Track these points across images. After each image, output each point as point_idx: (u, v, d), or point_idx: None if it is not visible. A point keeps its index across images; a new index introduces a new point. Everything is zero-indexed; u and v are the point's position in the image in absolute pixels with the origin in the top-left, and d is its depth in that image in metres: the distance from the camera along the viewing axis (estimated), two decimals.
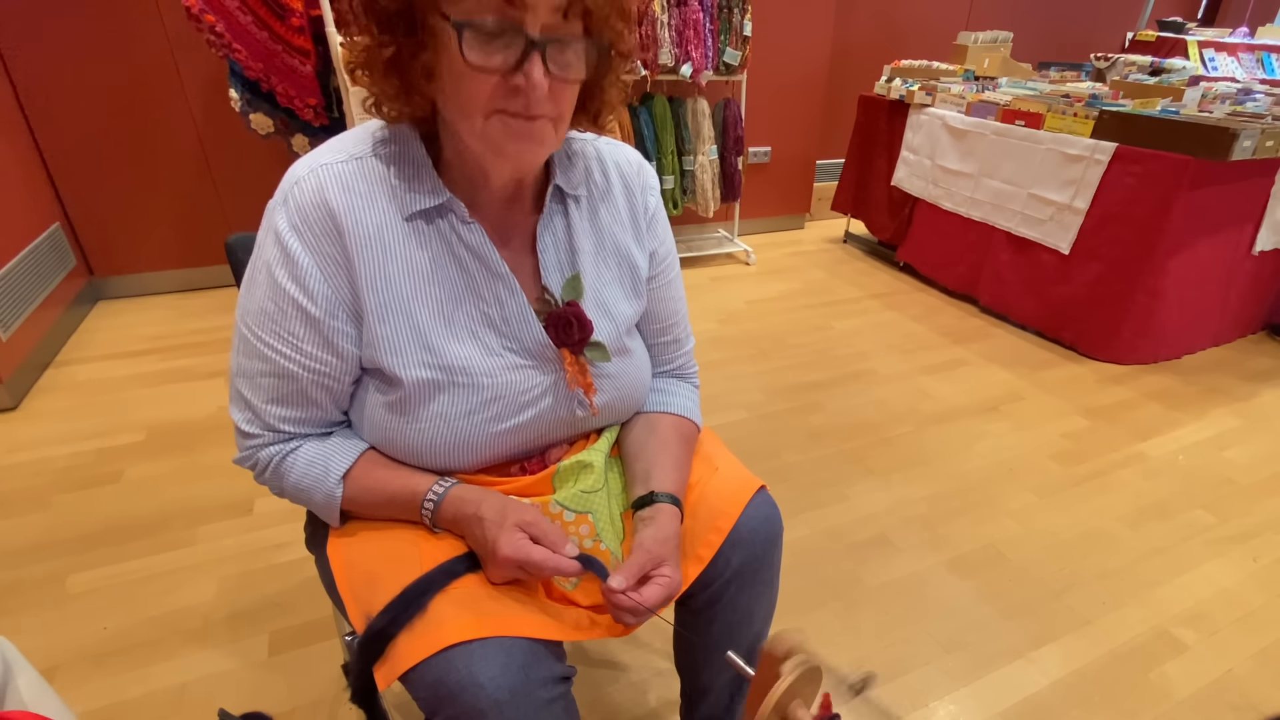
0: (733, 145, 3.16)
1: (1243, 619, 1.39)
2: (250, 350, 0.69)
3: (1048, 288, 2.54)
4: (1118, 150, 2.24)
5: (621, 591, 0.67)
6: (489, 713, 0.61)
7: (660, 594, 0.69)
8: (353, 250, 0.67)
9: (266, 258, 0.67)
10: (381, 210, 0.68)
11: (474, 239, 0.71)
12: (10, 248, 2.14)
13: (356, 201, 0.67)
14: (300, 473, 0.72)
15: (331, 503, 0.73)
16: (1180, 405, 2.16)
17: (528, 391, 0.74)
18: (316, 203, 0.66)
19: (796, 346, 2.51)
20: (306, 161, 0.68)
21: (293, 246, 0.66)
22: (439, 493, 0.72)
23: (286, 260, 0.66)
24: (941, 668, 1.28)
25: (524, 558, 0.66)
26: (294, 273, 0.66)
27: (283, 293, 0.67)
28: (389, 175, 0.68)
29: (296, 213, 0.66)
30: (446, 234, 0.70)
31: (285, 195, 0.67)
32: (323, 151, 0.69)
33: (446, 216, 0.70)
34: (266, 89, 2.29)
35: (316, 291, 0.67)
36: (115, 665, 1.24)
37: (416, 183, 0.68)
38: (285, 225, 0.66)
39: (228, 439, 1.88)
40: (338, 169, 0.67)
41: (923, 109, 3.00)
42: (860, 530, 1.61)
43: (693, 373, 0.94)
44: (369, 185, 0.67)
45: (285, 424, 0.72)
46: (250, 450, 0.73)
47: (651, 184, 0.83)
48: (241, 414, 0.72)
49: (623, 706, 1.20)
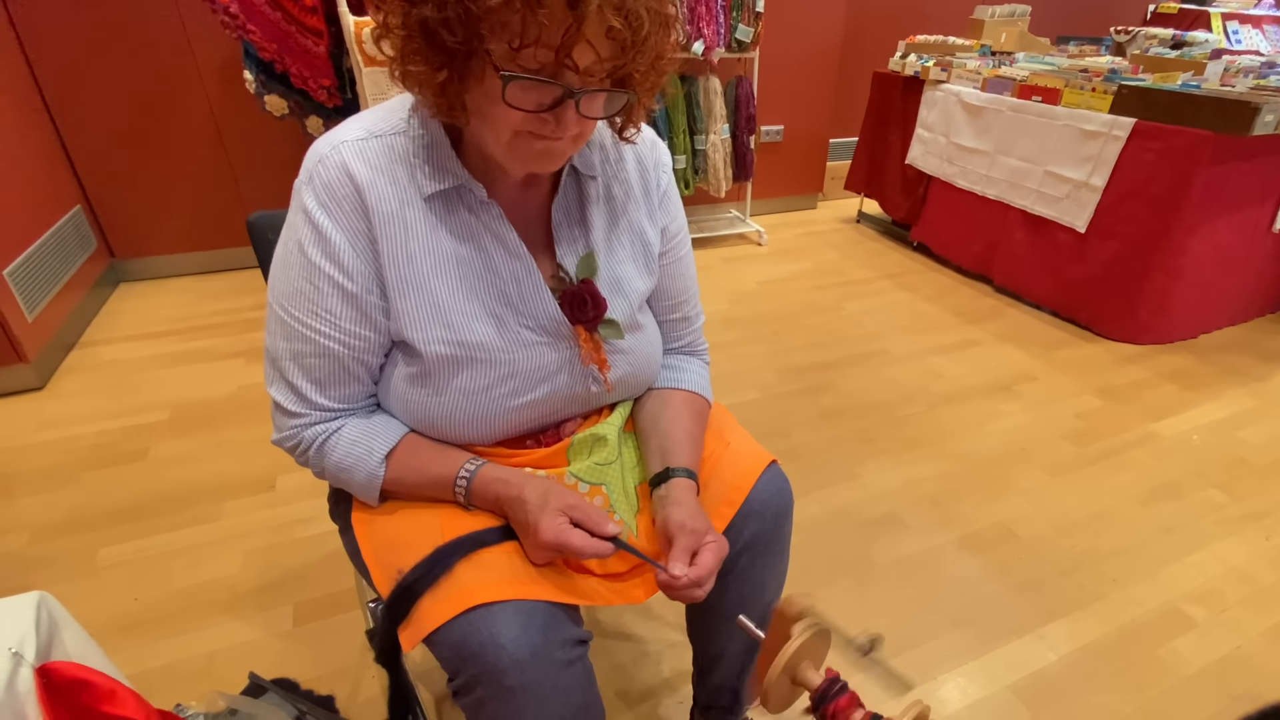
0: (745, 124, 3.14)
1: (1253, 596, 1.40)
2: (289, 332, 0.71)
3: (1063, 267, 2.52)
4: (1136, 126, 2.20)
5: (683, 580, 0.68)
6: (510, 672, 0.63)
7: (713, 559, 0.70)
8: (377, 226, 0.68)
9: (298, 237, 0.69)
10: (403, 189, 0.69)
11: (491, 220, 0.72)
12: (34, 230, 2.18)
13: (379, 179, 0.68)
14: (343, 452, 0.73)
15: (373, 482, 0.74)
16: (1195, 385, 2.15)
17: (543, 367, 0.75)
18: (342, 179, 0.67)
19: (808, 327, 2.51)
20: (328, 139, 0.70)
21: (323, 223, 0.67)
22: (471, 470, 0.73)
23: (319, 238, 0.68)
24: (950, 642, 1.29)
25: (564, 541, 0.67)
26: (327, 250, 0.68)
27: (318, 271, 0.68)
28: (409, 155, 0.69)
29: (324, 190, 0.67)
30: (464, 215, 0.72)
31: (310, 174, 0.68)
32: (344, 129, 0.70)
33: (465, 197, 0.72)
34: (281, 70, 2.30)
35: (351, 267, 0.68)
36: (146, 634, 1.28)
37: (436, 163, 0.70)
38: (314, 203, 0.68)
39: (249, 418, 1.92)
40: (359, 145, 0.68)
41: (938, 85, 2.96)
42: (871, 508, 1.63)
43: (703, 349, 0.95)
44: (390, 163, 0.69)
45: (330, 401, 0.73)
46: (294, 430, 0.74)
47: (664, 161, 0.84)
48: (283, 394, 0.73)
49: (636, 676, 1.23)
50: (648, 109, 0.73)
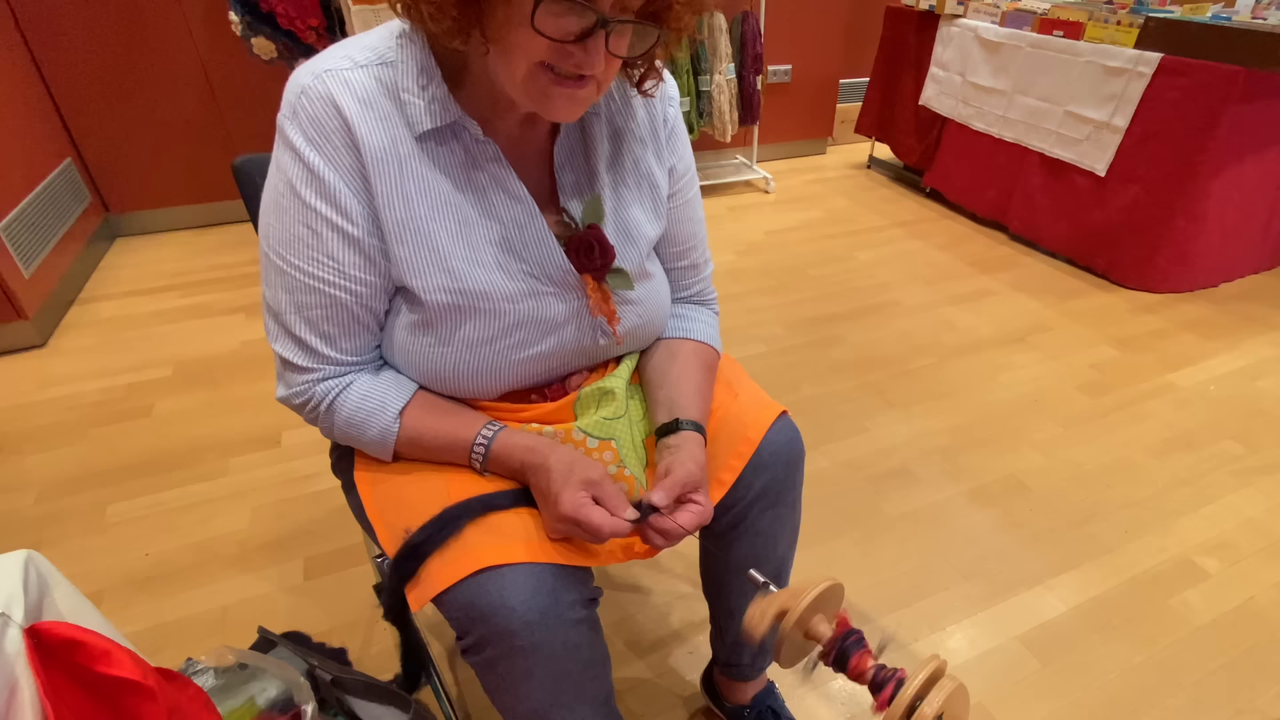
0: (751, 63, 3.02)
1: (1267, 548, 1.38)
2: (290, 283, 0.66)
3: (1081, 213, 2.44)
4: (1163, 61, 2.10)
5: (661, 511, 0.67)
6: (520, 632, 0.62)
7: (693, 520, 0.70)
8: (369, 164, 0.63)
9: (289, 177, 0.64)
10: (394, 125, 0.64)
11: (488, 161, 0.68)
12: (25, 184, 2.12)
13: (368, 113, 0.63)
14: (354, 407, 0.70)
15: (387, 438, 0.71)
16: (1214, 335, 2.11)
17: (550, 319, 0.72)
18: (329, 112, 0.62)
19: (817, 278, 2.46)
20: (309, 68, 0.64)
21: (315, 162, 0.62)
22: (489, 435, 0.70)
23: (311, 177, 0.63)
24: (960, 593, 1.29)
25: (583, 518, 0.64)
26: (322, 190, 0.63)
27: (314, 213, 0.64)
28: (397, 89, 0.64)
29: (311, 125, 0.62)
30: (460, 155, 0.67)
31: (294, 108, 0.63)
32: (326, 57, 0.64)
33: (461, 136, 0.66)
34: (266, 9, 2.20)
35: (349, 207, 0.64)
36: (158, 589, 1.29)
37: (427, 97, 0.64)
38: (301, 140, 0.62)
39: (252, 373, 1.90)
40: (345, 75, 0.63)
41: (954, 20, 2.83)
42: (880, 462, 1.61)
43: (712, 299, 0.92)
44: (379, 96, 0.63)
45: (340, 354, 0.69)
46: (305, 385, 0.70)
47: (671, 94, 0.79)
48: (290, 349, 0.68)
49: (646, 628, 1.23)
50: (672, 54, 0.68)
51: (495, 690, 0.69)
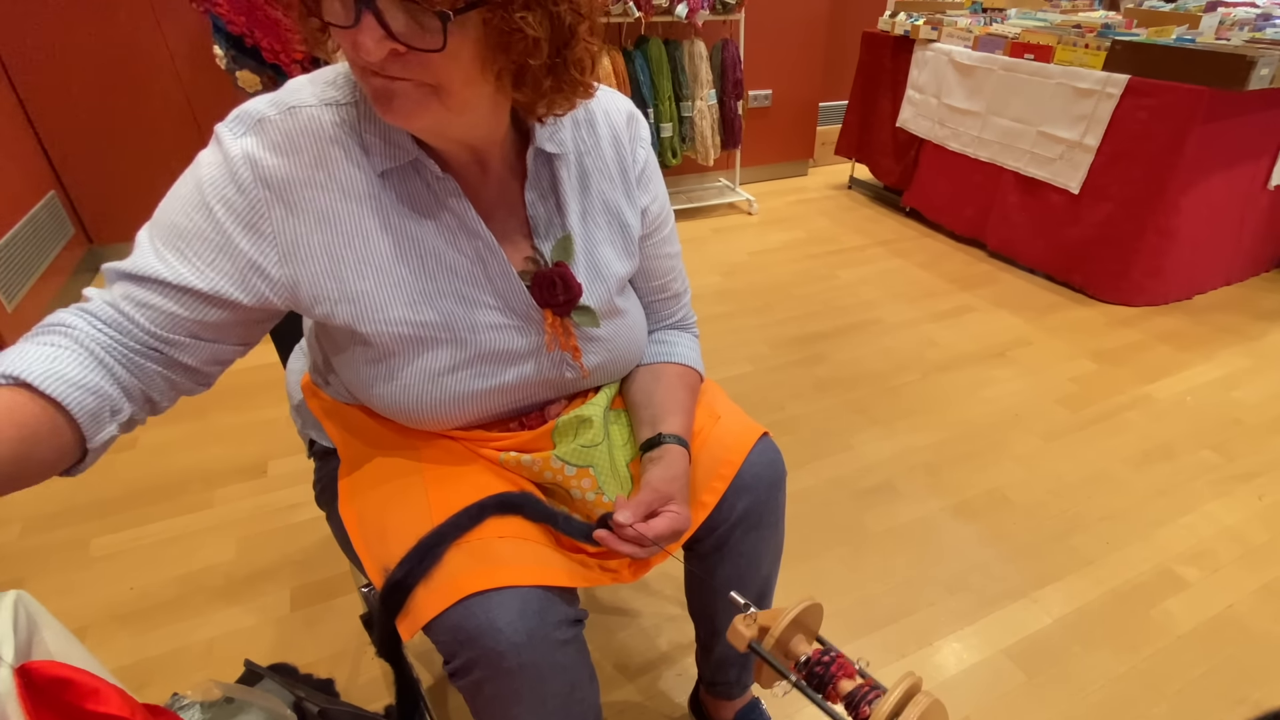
0: (732, 89, 3.08)
1: (1245, 556, 1.41)
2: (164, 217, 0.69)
3: (1057, 229, 2.49)
4: (1130, 83, 2.17)
5: (628, 525, 0.68)
6: (507, 654, 0.63)
7: (667, 526, 0.70)
8: (324, 202, 0.63)
9: (204, 176, 0.63)
10: (356, 163, 0.65)
11: (448, 196, 0.68)
12: (8, 217, 2.13)
13: (335, 151, 0.63)
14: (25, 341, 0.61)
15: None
16: (1189, 346, 2.15)
17: (510, 351, 0.72)
18: (287, 148, 0.62)
19: (801, 297, 2.49)
20: (272, 100, 0.63)
21: (243, 176, 0.61)
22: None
23: (232, 183, 0.61)
24: (945, 608, 1.30)
25: None
26: (230, 203, 0.62)
27: (213, 220, 0.63)
28: (360, 128, 0.64)
29: (270, 150, 0.61)
30: (421, 191, 0.68)
31: (248, 128, 0.62)
32: (289, 93, 0.64)
33: (421, 173, 0.67)
34: (251, 44, 2.23)
35: (263, 229, 0.62)
36: (143, 623, 1.28)
37: (387, 137, 0.65)
38: (245, 151, 0.61)
39: (237, 402, 1.90)
40: (310, 114, 0.63)
41: (928, 45, 2.90)
42: (865, 478, 1.63)
43: (693, 323, 0.93)
44: (344, 135, 0.64)
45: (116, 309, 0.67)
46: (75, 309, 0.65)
47: (642, 135, 0.80)
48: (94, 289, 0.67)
49: (634, 649, 1.23)
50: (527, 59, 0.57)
51: (483, 713, 0.69)
